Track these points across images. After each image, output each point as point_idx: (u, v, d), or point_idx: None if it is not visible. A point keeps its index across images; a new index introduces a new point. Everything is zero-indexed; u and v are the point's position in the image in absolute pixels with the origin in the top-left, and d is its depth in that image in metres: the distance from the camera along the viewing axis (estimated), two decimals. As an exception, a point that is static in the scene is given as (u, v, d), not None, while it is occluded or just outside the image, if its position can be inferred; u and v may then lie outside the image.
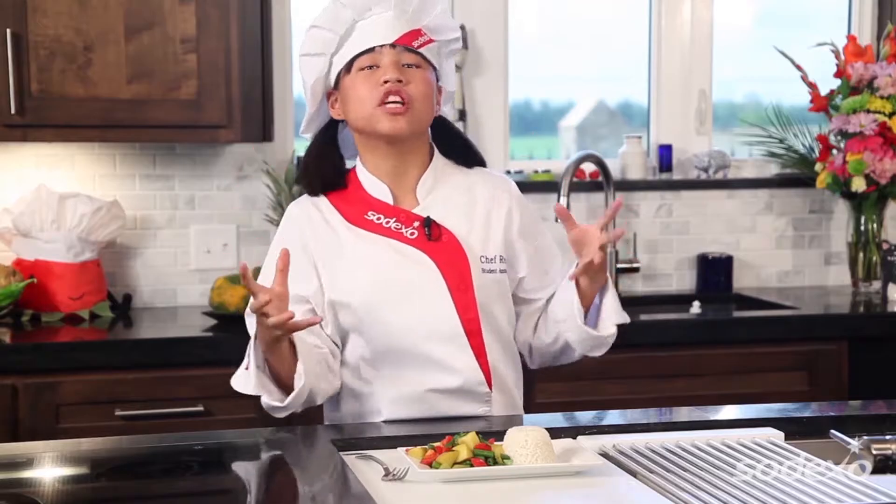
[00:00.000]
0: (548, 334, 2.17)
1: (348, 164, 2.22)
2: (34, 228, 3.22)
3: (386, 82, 2.04)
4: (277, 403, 1.96)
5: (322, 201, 2.15)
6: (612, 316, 2.09)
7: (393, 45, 2.06)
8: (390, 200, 2.13)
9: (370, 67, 2.07)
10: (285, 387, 1.97)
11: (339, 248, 2.10)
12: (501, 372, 2.14)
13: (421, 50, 2.09)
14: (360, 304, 2.07)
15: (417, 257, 2.09)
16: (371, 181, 2.14)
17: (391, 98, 2.04)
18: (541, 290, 2.21)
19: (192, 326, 3.16)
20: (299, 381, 1.94)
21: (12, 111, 3.02)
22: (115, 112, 3.10)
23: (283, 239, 2.13)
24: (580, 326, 2.07)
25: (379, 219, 2.11)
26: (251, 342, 1.95)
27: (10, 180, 3.36)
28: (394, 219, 2.11)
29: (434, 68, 2.14)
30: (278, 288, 1.88)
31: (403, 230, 2.10)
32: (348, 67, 2.09)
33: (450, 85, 2.22)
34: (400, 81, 2.05)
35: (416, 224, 2.11)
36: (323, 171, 2.16)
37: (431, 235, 2.10)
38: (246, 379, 1.96)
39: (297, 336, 1.96)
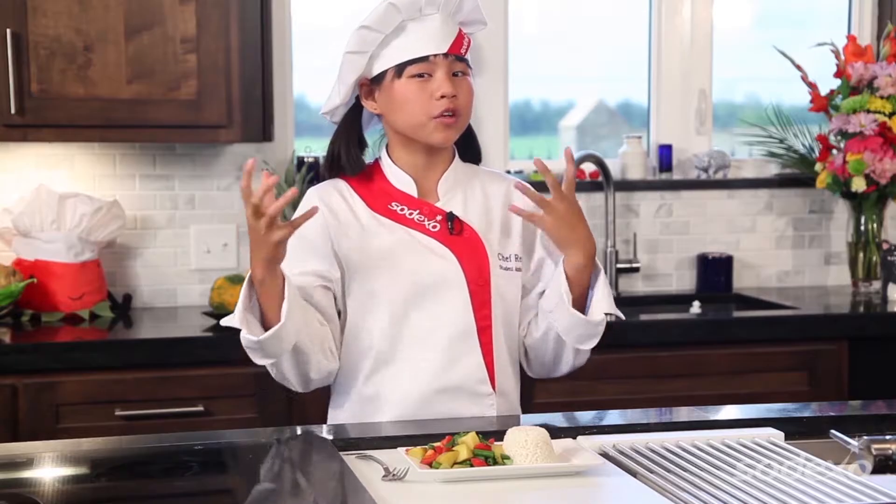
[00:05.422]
0: (538, 328, 2.15)
1: (370, 157, 2.23)
2: (34, 228, 3.22)
3: (443, 97, 2.06)
4: (252, 337, 1.93)
5: (345, 187, 2.16)
6: (602, 303, 2.06)
7: (446, 55, 2.08)
8: (415, 193, 2.14)
9: (421, 76, 2.08)
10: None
11: (360, 233, 2.10)
12: (504, 374, 2.14)
13: (466, 56, 2.12)
14: (379, 291, 2.08)
15: (439, 250, 2.10)
16: (397, 174, 2.15)
17: (446, 112, 2.07)
18: (535, 282, 2.19)
19: (192, 326, 3.16)
20: (280, 320, 1.91)
21: (12, 111, 3.02)
22: (115, 112, 3.10)
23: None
24: (569, 310, 2.04)
25: (402, 210, 2.13)
26: (244, 284, 1.94)
27: (10, 180, 3.36)
28: (417, 211, 2.13)
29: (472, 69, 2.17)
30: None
31: (426, 223, 2.12)
32: (399, 71, 2.09)
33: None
34: (455, 96, 2.07)
35: (439, 218, 2.12)
36: (348, 159, 2.16)
37: (453, 230, 2.11)
38: (233, 315, 1.95)
39: (291, 290, 1.94)
